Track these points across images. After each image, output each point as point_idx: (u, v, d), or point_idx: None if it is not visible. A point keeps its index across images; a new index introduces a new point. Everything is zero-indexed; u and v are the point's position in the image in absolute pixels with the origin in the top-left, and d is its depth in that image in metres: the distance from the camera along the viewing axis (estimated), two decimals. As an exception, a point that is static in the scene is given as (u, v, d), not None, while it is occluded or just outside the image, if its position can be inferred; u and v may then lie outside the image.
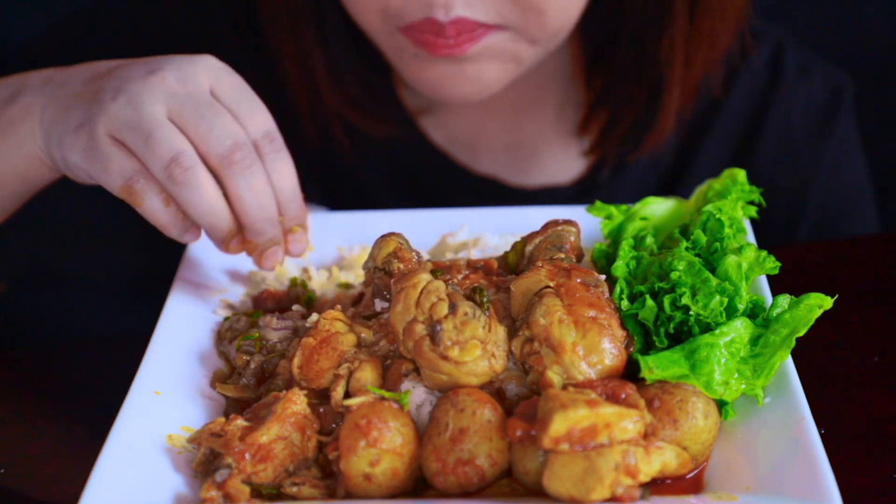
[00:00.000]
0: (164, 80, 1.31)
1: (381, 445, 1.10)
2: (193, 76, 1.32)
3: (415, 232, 1.38)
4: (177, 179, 1.27)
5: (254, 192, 1.30)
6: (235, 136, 1.30)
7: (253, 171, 1.30)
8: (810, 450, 1.09)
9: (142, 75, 1.32)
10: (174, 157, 1.27)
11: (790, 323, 1.18)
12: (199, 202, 1.28)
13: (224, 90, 1.34)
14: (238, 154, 1.29)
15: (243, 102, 1.34)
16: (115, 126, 1.29)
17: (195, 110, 1.29)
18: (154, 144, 1.27)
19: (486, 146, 1.87)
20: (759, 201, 1.36)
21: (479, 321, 1.16)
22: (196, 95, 1.31)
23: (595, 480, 1.04)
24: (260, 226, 1.31)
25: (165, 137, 1.27)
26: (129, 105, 1.29)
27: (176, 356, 1.30)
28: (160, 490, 1.12)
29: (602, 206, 1.42)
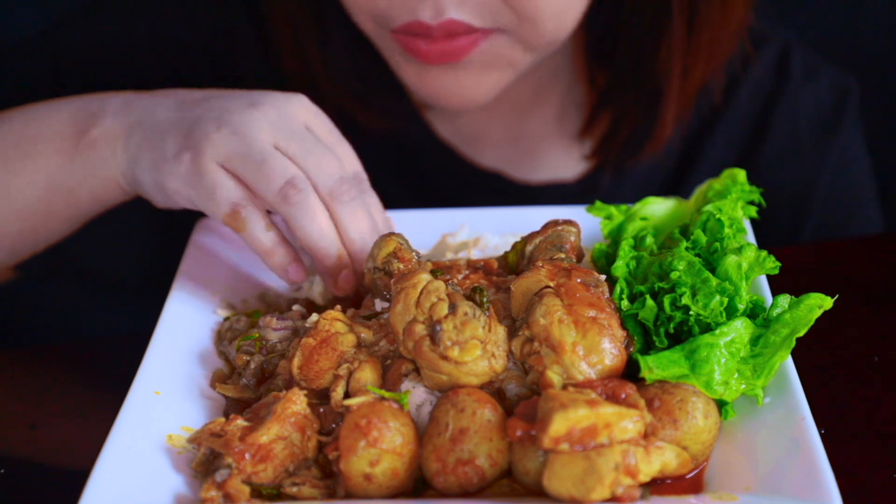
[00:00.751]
0: (266, 114, 1.35)
1: (381, 445, 1.10)
2: (293, 113, 1.37)
3: (415, 232, 1.39)
4: (291, 201, 1.30)
5: (361, 223, 1.34)
6: (341, 171, 1.34)
7: (359, 203, 1.35)
8: (810, 450, 1.09)
9: (242, 107, 1.35)
10: (289, 180, 1.31)
11: (790, 323, 1.18)
12: (311, 224, 1.32)
13: (320, 130, 1.39)
14: (346, 187, 1.34)
15: (338, 143, 1.39)
16: (223, 155, 1.32)
17: (302, 145, 1.34)
18: (268, 169, 1.31)
19: (490, 140, 1.88)
20: (759, 201, 1.36)
21: (479, 321, 1.16)
22: (299, 131, 1.36)
23: (595, 480, 1.04)
24: (362, 258, 1.35)
25: (279, 164, 1.31)
26: (235, 135, 1.33)
27: (176, 356, 1.30)
28: (160, 490, 1.12)
29: (602, 206, 1.42)
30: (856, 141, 1.95)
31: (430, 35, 1.51)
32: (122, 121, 1.42)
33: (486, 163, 1.87)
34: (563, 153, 1.89)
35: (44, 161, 1.45)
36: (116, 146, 1.41)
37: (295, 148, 1.34)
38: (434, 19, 1.50)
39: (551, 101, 1.86)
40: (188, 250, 1.47)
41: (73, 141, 1.44)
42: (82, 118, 1.44)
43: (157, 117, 1.40)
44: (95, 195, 1.45)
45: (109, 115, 1.43)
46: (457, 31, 1.51)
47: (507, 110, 1.86)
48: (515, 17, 1.53)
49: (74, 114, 1.46)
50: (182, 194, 1.35)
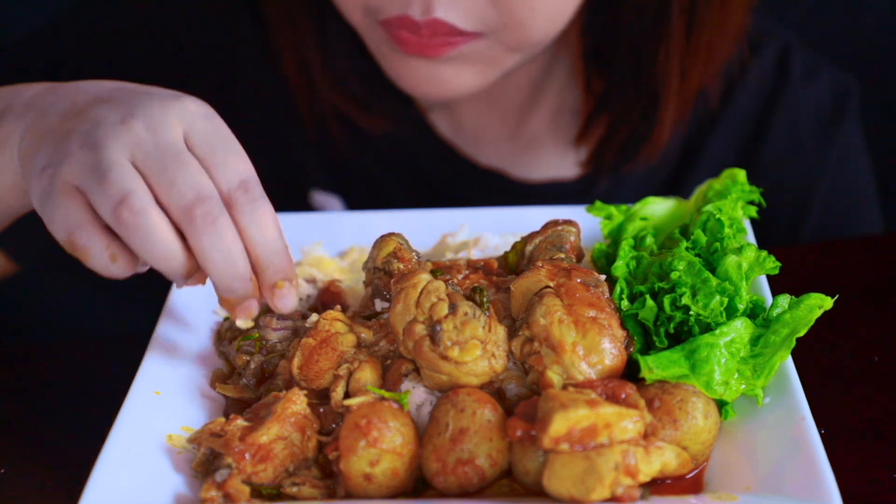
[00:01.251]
0: (132, 128, 1.22)
1: (381, 445, 1.10)
2: (164, 123, 1.23)
3: (415, 232, 1.38)
4: (125, 223, 1.17)
5: (219, 248, 1.19)
6: (199, 188, 1.19)
7: (218, 227, 1.19)
8: (810, 450, 1.09)
9: (113, 122, 1.23)
10: (123, 198, 1.17)
11: (790, 323, 1.18)
12: (152, 248, 1.18)
13: (198, 138, 1.24)
14: (200, 209, 1.19)
15: (218, 151, 1.24)
16: (75, 171, 1.21)
17: (159, 160, 1.20)
18: (105, 185, 1.17)
19: (490, 139, 1.88)
20: (760, 201, 1.36)
21: (479, 321, 1.16)
22: (163, 144, 1.21)
23: (595, 480, 1.04)
24: (228, 283, 1.20)
25: (118, 178, 1.18)
26: (90, 150, 1.21)
27: (176, 356, 1.30)
28: (160, 490, 1.12)
29: (602, 206, 1.42)
30: (856, 140, 1.95)
31: (415, 31, 1.52)
32: (21, 123, 1.31)
33: (486, 161, 1.87)
34: (561, 153, 1.89)
35: None
36: (13, 152, 1.31)
37: (151, 164, 1.20)
38: (422, 16, 1.50)
39: (548, 104, 1.87)
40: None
41: None
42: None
43: (44, 124, 1.29)
44: (4, 202, 1.36)
45: (12, 115, 1.34)
46: (441, 31, 1.51)
47: (506, 109, 1.86)
48: (502, 22, 1.53)
49: None
50: (37, 209, 1.24)
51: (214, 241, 1.18)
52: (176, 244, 1.18)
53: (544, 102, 1.86)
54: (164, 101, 1.25)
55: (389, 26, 1.54)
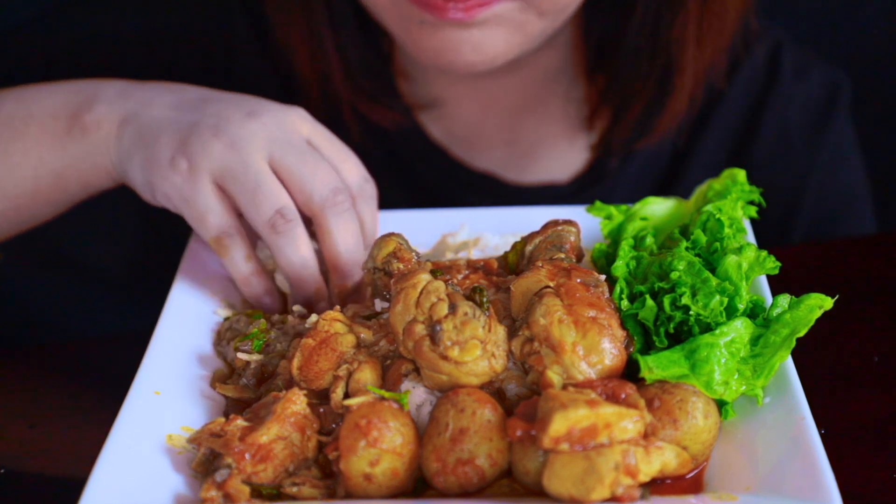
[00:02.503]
0: (265, 125, 1.36)
1: (381, 445, 1.10)
2: (291, 124, 1.38)
3: (415, 232, 1.39)
4: (279, 230, 1.33)
5: (348, 234, 1.36)
6: (336, 182, 1.35)
7: (351, 215, 1.36)
8: (810, 450, 1.09)
9: (241, 117, 1.36)
10: (279, 209, 1.32)
11: (790, 323, 1.18)
12: (294, 255, 1.34)
13: (319, 140, 1.39)
14: (340, 198, 1.35)
15: (338, 152, 1.40)
16: (219, 173, 1.33)
17: (299, 157, 1.35)
18: (261, 197, 1.32)
19: (484, 143, 1.87)
20: (759, 201, 1.36)
21: (479, 321, 1.16)
22: (296, 142, 1.36)
23: (595, 480, 1.04)
24: (349, 268, 1.37)
25: (271, 191, 1.33)
26: (232, 150, 1.33)
27: (176, 356, 1.30)
28: (160, 490, 1.12)
29: (602, 206, 1.42)
30: (847, 138, 1.95)
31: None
32: (117, 110, 1.42)
33: (479, 165, 1.87)
34: (562, 150, 1.88)
35: (34, 143, 1.45)
36: (109, 136, 1.41)
37: (291, 161, 1.35)
38: None
39: (550, 102, 1.86)
40: (188, 250, 1.47)
41: (65, 125, 1.44)
42: (76, 102, 1.44)
43: (153, 113, 1.40)
44: (84, 181, 1.45)
45: (104, 102, 1.43)
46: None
47: (504, 112, 1.86)
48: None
49: (68, 98, 1.46)
50: (172, 202, 1.37)
51: (347, 227, 1.36)
52: (314, 257, 1.36)
53: (547, 98, 1.86)
54: (282, 105, 1.40)
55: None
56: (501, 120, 1.86)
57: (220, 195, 1.35)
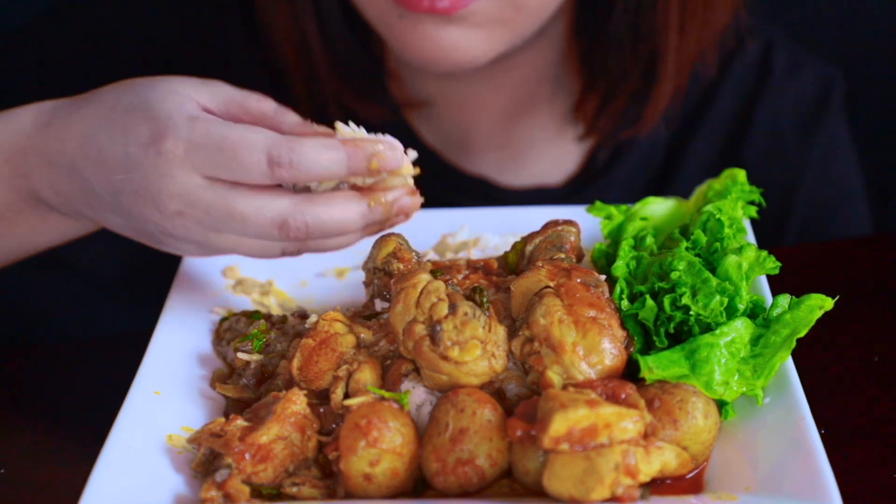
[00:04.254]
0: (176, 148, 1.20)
1: (381, 445, 1.10)
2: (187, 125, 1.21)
3: (415, 232, 1.38)
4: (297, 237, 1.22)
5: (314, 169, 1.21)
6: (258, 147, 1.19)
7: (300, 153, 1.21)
8: (810, 450, 1.09)
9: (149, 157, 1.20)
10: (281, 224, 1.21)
11: (791, 323, 1.18)
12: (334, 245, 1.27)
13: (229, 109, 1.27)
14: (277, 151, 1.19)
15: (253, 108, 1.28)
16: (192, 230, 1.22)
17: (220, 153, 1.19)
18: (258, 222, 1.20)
19: (477, 146, 1.87)
20: (759, 201, 1.36)
21: (479, 321, 1.16)
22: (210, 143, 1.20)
23: (595, 480, 1.04)
24: None
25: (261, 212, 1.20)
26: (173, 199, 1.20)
27: (176, 356, 1.30)
28: (160, 490, 1.12)
29: (602, 206, 1.42)
30: (840, 136, 1.94)
31: None
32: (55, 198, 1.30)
33: (472, 168, 1.87)
34: (555, 149, 1.87)
35: None
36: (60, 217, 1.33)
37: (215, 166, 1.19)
38: None
39: (541, 100, 1.86)
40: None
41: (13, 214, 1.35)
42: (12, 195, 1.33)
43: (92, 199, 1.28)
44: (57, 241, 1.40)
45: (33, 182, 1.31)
46: None
47: (496, 114, 1.85)
48: None
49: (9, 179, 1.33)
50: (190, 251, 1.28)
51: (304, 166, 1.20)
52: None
53: (538, 97, 1.85)
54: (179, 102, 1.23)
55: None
56: (494, 122, 1.86)
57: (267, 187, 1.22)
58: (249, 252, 1.25)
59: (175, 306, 1.36)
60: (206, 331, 1.37)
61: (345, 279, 1.50)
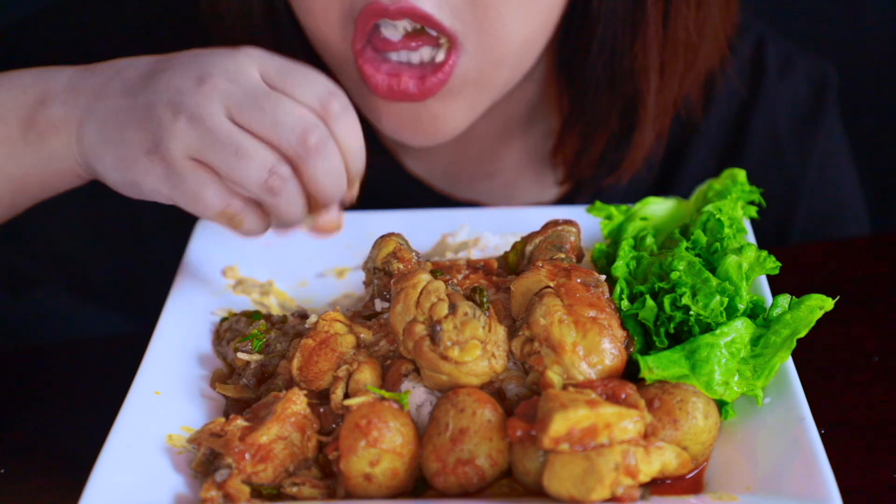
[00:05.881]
0: (215, 86, 1.28)
1: (381, 445, 1.10)
2: (242, 71, 1.29)
3: (415, 232, 1.38)
4: (277, 191, 1.26)
5: (330, 173, 1.28)
6: (303, 119, 1.27)
7: (327, 152, 1.28)
8: (810, 450, 1.09)
9: (191, 85, 1.28)
10: (270, 168, 1.26)
11: (791, 324, 1.18)
12: (294, 210, 1.29)
13: (273, 73, 1.30)
14: (312, 139, 1.27)
15: (295, 76, 1.30)
16: (194, 149, 1.27)
17: (256, 105, 1.27)
18: (245, 160, 1.26)
19: (464, 175, 1.82)
20: (760, 201, 1.36)
21: (479, 321, 1.16)
22: (251, 90, 1.28)
23: (595, 480, 1.04)
24: (332, 201, 1.31)
25: (254, 151, 1.26)
26: (195, 122, 1.26)
27: (176, 356, 1.30)
28: (160, 490, 1.12)
29: (602, 207, 1.42)
30: (836, 135, 1.92)
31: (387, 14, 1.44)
32: (71, 110, 1.35)
33: (462, 195, 1.82)
34: (544, 180, 1.83)
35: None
36: (70, 139, 1.35)
37: (250, 112, 1.27)
38: (393, 4, 1.43)
39: (528, 133, 1.80)
40: (188, 250, 1.47)
41: (19, 130, 1.37)
42: (26, 103, 1.38)
43: (108, 105, 1.33)
44: (48, 184, 1.39)
45: (58, 101, 1.36)
46: (412, 14, 1.43)
47: (479, 145, 1.78)
48: (476, 18, 1.45)
49: (16, 98, 1.39)
50: (162, 194, 1.30)
51: (327, 167, 1.28)
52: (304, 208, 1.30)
53: (518, 133, 1.81)
54: (228, 52, 1.31)
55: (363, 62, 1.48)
56: (481, 154, 1.80)
57: (206, 170, 1.28)
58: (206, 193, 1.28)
59: (175, 306, 1.36)
60: (206, 331, 1.37)
61: (345, 279, 1.50)
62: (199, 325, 1.37)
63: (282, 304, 1.46)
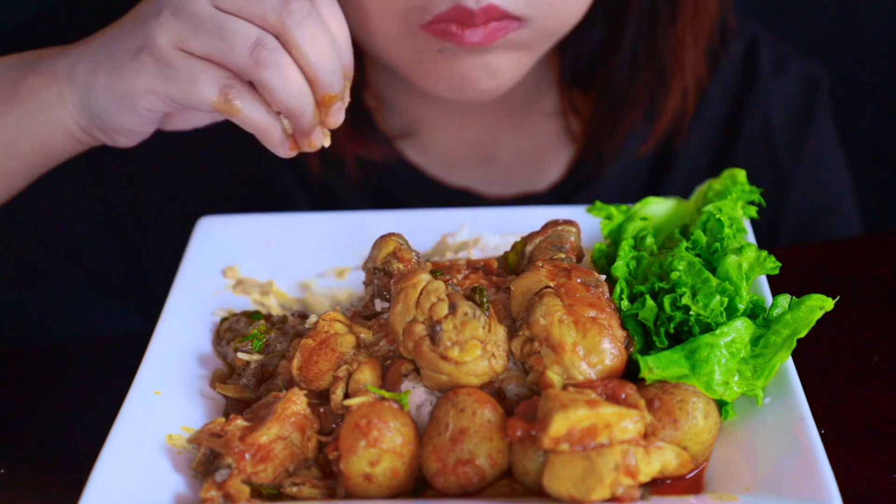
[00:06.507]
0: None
1: (381, 445, 1.10)
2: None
3: (415, 232, 1.38)
4: (265, 62, 1.23)
5: (317, 42, 1.25)
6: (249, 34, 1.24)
7: (313, 19, 1.25)
8: (810, 450, 1.09)
9: None
10: (255, 41, 1.23)
11: (791, 324, 1.18)
12: (290, 82, 1.24)
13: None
14: (293, 5, 1.24)
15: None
16: (179, 38, 1.25)
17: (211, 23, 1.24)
18: (230, 37, 1.23)
19: (460, 161, 1.84)
20: (759, 201, 1.36)
21: (479, 321, 1.16)
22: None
23: (595, 480, 1.04)
24: (329, 77, 1.27)
25: (238, 27, 1.23)
26: (177, 13, 1.25)
27: (176, 356, 1.30)
28: (160, 490, 1.12)
29: (602, 206, 1.42)
30: (828, 134, 1.92)
31: (468, 21, 1.46)
32: (61, 60, 1.36)
33: (455, 181, 1.84)
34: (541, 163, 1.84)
35: None
36: (61, 86, 1.35)
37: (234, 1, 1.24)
38: (477, 4, 1.45)
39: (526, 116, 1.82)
40: (188, 250, 1.47)
41: (9, 91, 1.38)
42: (19, 66, 1.39)
43: (96, 41, 1.35)
44: (39, 142, 1.39)
45: (45, 59, 1.38)
46: (493, 15, 1.47)
47: (478, 131, 1.82)
48: (545, 6, 1.50)
49: (11, 62, 1.41)
50: (157, 92, 1.28)
51: (312, 37, 1.24)
52: (304, 81, 1.25)
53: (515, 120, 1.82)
54: None
55: (437, 24, 1.49)
56: (478, 138, 1.83)
57: (197, 59, 1.25)
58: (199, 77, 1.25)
59: (175, 306, 1.36)
60: (206, 331, 1.37)
61: (345, 279, 1.50)
62: (199, 325, 1.37)
63: (282, 304, 1.46)
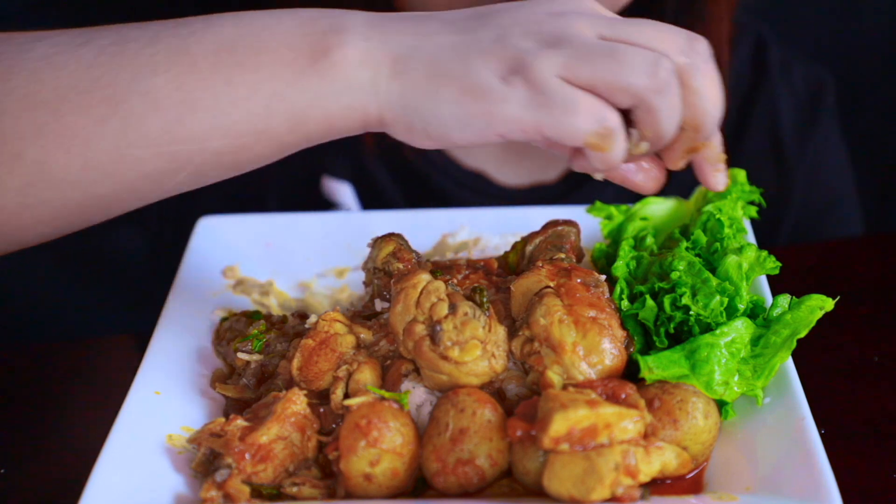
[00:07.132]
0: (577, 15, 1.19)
1: (381, 445, 1.10)
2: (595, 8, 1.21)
3: (415, 232, 1.38)
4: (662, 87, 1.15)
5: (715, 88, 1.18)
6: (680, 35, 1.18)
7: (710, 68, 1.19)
8: (810, 450, 1.09)
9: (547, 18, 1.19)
10: (654, 62, 1.14)
11: (791, 324, 1.18)
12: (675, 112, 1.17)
13: None
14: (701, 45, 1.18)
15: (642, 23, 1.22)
16: (560, 67, 1.16)
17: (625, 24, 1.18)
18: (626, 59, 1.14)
19: None
20: (760, 201, 1.36)
21: (479, 321, 1.16)
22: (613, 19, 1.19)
23: (595, 480, 1.04)
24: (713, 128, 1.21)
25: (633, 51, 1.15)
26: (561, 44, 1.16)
27: (176, 356, 1.30)
28: (160, 490, 1.12)
29: (602, 207, 1.42)
30: (832, 135, 1.93)
31: None
32: (378, 45, 1.23)
33: (471, 163, 1.86)
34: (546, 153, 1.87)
35: (267, 75, 1.23)
36: (377, 74, 1.22)
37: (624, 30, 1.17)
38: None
39: None
40: (188, 250, 1.47)
41: (307, 57, 1.24)
42: (316, 33, 1.25)
43: (436, 41, 1.22)
44: (330, 122, 1.25)
45: (357, 36, 1.24)
46: None
47: None
48: None
49: (304, 25, 1.26)
50: (524, 120, 1.17)
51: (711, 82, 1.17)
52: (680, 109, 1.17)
53: None
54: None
55: None
56: None
57: (574, 88, 1.16)
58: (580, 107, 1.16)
59: (175, 306, 1.36)
60: (206, 331, 1.37)
61: (345, 279, 1.50)
62: (199, 325, 1.37)
63: (282, 304, 1.46)
